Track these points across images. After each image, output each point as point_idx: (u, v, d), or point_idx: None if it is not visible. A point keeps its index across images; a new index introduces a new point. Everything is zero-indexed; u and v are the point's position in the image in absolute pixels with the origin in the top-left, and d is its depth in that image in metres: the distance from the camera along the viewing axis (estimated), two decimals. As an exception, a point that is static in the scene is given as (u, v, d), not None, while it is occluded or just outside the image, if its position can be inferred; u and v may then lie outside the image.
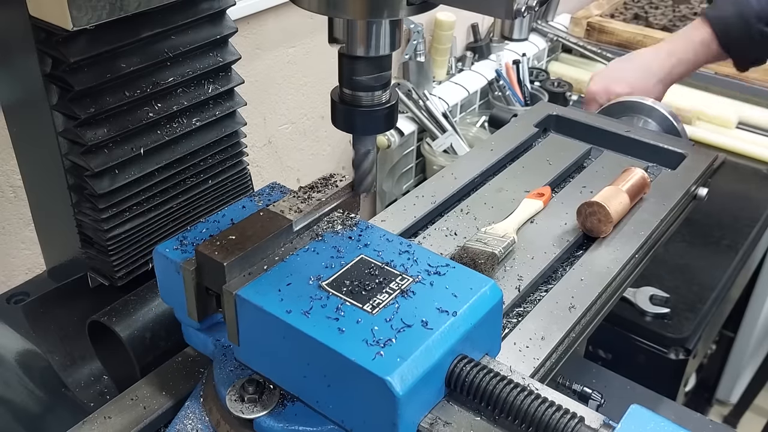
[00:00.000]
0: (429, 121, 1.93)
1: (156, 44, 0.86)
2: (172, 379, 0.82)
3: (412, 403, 0.63)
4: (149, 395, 0.80)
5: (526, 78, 2.21)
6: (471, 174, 1.19)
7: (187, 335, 0.82)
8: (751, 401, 2.33)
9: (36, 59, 0.80)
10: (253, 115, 1.69)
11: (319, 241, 0.75)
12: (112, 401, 0.80)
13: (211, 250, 0.70)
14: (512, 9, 0.56)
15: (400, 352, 0.62)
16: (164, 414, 0.79)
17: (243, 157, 1.02)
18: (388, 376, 0.60)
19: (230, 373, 0.74)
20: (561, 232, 1.07)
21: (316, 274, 0.71)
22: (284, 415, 0.70)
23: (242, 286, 0.69)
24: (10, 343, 0.97)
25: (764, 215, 1.82)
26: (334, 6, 0.64)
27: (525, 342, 0.87)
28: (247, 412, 0.70)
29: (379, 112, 0.71)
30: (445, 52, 2.16)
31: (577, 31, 2.51)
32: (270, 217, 0.75)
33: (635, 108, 1.46)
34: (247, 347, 0.71)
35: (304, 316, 0.66)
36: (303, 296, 0.68)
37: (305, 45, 1.78)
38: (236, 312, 0.69)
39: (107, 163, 0.84)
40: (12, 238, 1.33)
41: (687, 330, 1.48)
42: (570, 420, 0.62)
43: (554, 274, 1.02)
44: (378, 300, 0.68)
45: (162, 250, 0.75)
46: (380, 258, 0.73)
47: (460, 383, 0.66)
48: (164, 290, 0.78)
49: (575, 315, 0.91)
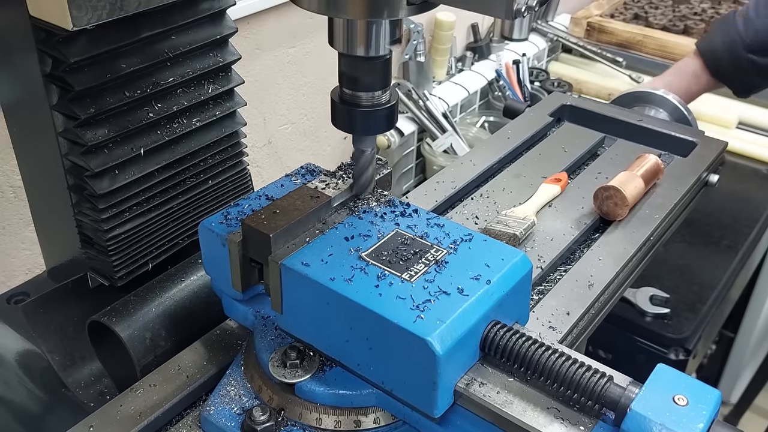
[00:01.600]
0: (429, 122, 1.93)
1: (156, 44, 0.86)
2: (212, 350, 0.86)
3: (451, 363, 0.66)
4: (191, 365, 0.83)
5: (526, 78, 2.21)
6: (489, 161, 1.23)
7: (227, 308, 0.85)
8: (752, 401, 2.33)
9: (36, 59, 0.80)
10: (253, 116, 1.69)
11: (356, 216, 0.79)
12: (155, 371, 0.83)
13: (257, 223, 0.74)
14: (512, 9, 0.56)
15: (439, 316, 0.66)
16: (206, 382, 0.82)
17: (243, 158, 1.02)
18: (429, 336, 0.63)
19: (271, 342, 0.78)
20: (578, 215, 1.10)
21: (355, 246, 0.74)
22: (325, 379, 0.74)
23: (287, 256, 0.72)
24: (10, 343, 0.97)
25: (764, 215, 1.82)
26: (334, 6, 0.64)
27: (548, 317, 0.90)
28: (289, 377, 0.73)
29: (379, 112, 0.72)
30: (445, 52, 2.16)
31: (577, 31, 2.51)
32: (310, 193, 0.79)
33: (646, 98, 1.48)
34: (290, 315, 0.75)
35: (346, 283, 0.69)
36: (344, 265, 0.71)
37: (305, 45, 1.78)
38: (281, 281, 0.73)
39: (107, 163, 0.84)
40: (12, 238, 1.33)
41: (687, 330, 1.48)
42: (600, 379, 0.64)
43: (572, 255, 1.06)
44: (415, 269, 0.71)
45: (208, 224, 0.79)
46: (414, 231, 0.77)
47: (494, 347, 0.69)
48: (208, 263, 0.82)
49: (594, 292, 0.95)
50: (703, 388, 0.63)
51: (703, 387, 0.63)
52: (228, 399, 0.77)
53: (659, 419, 0.60)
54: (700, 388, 0.63)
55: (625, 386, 0.64)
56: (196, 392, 0.82)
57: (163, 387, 0.80)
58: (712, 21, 2.45)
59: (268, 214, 0.75)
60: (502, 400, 0.67)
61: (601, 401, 0.64)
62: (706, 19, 2.51)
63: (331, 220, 0.78)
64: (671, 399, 0.61)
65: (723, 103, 2.19)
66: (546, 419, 0.65)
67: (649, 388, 0.63)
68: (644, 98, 1.49)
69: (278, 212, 0.75)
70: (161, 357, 0.86)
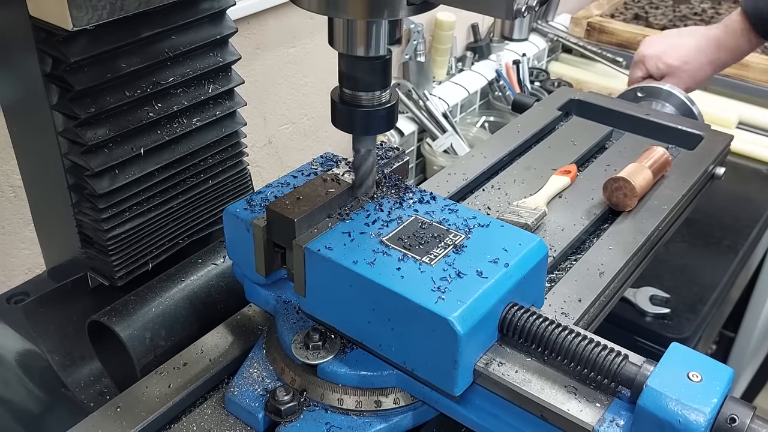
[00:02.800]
0: (429, 122, 1.93)
1: (156, 44, 0.86)
2: (234, 334, 0.87)
3: (471, 342, 0.68)
4: (214, 348, 0.85)
5: (526, 78, 2.21)
6: (500, 153, 1.24)
7: (249, 293, 0.87)
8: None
9: (36, 59, 0.80)
10: (254, 115, 1.69)
11: (375, 203, 0.81)
12: (178, 355, 0.85)
13: (282, 208, 0.76)
14: (512, 9, 0.56)
15: (459, 297, 0.68)
16: (229, 365, 0.84)
17: (243, 157, 1.02)
18: (451, 316, 0.65)
19: (293, 325, 0.80)
20: (588, 206, 1.12)
21: (375, 231, 0.76)
22: (346, 360, 0.76)
23: (310, 240, 0.74)
24: (9, 343, 0.97)
25: (764, 216, 1.82)
26: (334, 6, 0.64)
27: (560, 303, 0.91)
28: (312, 358, 0.76)
29: (379, 112, 0.72)
30: (445, 52, 2.16)
31: (577, 31, 2.51)
32: (331, 180, 0.81)
33: (653, 93, 1.49)
34: (313, 298, 0.77)
35: (369, 266, 0.71)
36: (366, 249, 0.74)
37: (305, 45, 1.78)
38: (305, 264, 0.75)
39: (107, 162, 0.84)
40: (12, 238, 1.33)
41: (687, 330, 1.47)
42: (615, 357, 0.66)
43: (582, 245, 1.07)
44: (435, 253, 0.73)
45: (232, 210, 0.81)
46: (433, 217, 0.79)
47: (512, 328, 0.71)
48: (231, 248, 0.84)
49: (605, 279, 0.96)
50: (716, 366, 0.64)
51: (716, 364, 0.64)
52: (251, 381, 0.79)
53: (674, 395, 0.61)
54: (713, 365, 0.64)
55: (640, 365, 0.65)
56: (219, 375, 0.83)
57: (187, 369, 0.82)
58: (712, 21, 2.45)
59: (291, 200, 0.77)
60: (520, 379, 0.69)
61: (617, 379, 0.65)
62: (706, 20, 2.51)
63: (351, 206, 0.80)
64: (686, 375, 0.63)
65: (723, 102, 2.19)
66: (564, 397, 0.67)
67: (664, 366, 0.64)
68: (651, 92, 1.51)
69: (301, 198, 0.78)
70: (161, 357, 0.86)
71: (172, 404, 0.78)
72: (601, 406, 0.66)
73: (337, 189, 0.80)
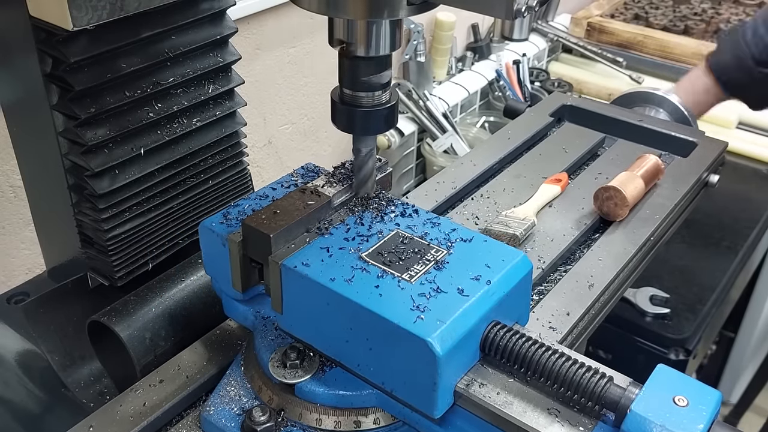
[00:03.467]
0: (429, 122, 1.93)
1: (156, 44, 0.86)
2: (212, 350, 0.86)
3: (451, 364, 0.66)
4: (192, 365, 0.83)
5: (526, 78, 2.21)
6: (490, 161, 1.23)
7: (227, 308, 0.85)
8: (752, 401, 2.33)
9: (36, 59, 0.80)
10: (254, 116, 1.69)
11: (356, 216, 0.79)
12: (155, 371, 0.83)
13: (258, 223, 0.74)
14: (512, 9, 0.56)
15: (439, 316, 0.66)
16: (206, 382, 0.82)
17: (243, 158, 1.02)
18: (429, 337, 0.63)
19: (271, 342, 0.78)
20: (579, 216, 1.10)
21: (355, 247, 0.74)
22: (325, 379, 0.74)
23: (287, 256, 0.72)
24: (10, 343, 0.97)
25: (764, 216, 1.82)
26: (334, 6, 0.64)
27: (548, 318, 0.90)
28: (289, 377, 0.74)
29: (379, 112, 0.72)
30: (446, 52, 2.16)
31: (577, 31, 2.51)
32: (310, 193, 0.79)
33: (647, 98, 1.48)
34: (291, 315, 0.75)
35: (347, 284, 0.69)
36: (345, 266, 0.71)
37: (305, 45, 1.78)
38: (281, 281, 0.73)
39: (107, 163, 0.84)
40: (12, 238, 1.33)
41: (687, 330, 1.48)
42: (600, 379, 0.65)
43: (572, 255, 1.06)
44: (415, 270, 0.71)
45: (208, 224, 0.79)
46: (414, 231, 0.77)
47: (494, 347, 0.69)
48: (208, 263, 0.82)
49: (595, 292, 0.95)
50: (703, 389, 0.62)
51: (703, 388, 0.63)
52: (228, 399, 0.77)
53: (659, 420, 0.59)
54: (700, 388, 0.63)
55: (625, 387, 0.64)
56: (196, 392, 0.82)
57: (163, 387, 0.80)
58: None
59: (268, 214, 0.75)
60: (502, 401, 0.67)
61: (601, 402, 0.64)
62: (706, 20, 2.51)
63: (331, 220, 0.78)
64: (671, 400, 0.61)
65: (723, 103, 2.19)
66: (546, 420, 0.65)
67: (650, 389, 0.63)
68: (645, 98, 1.49)
69: (278, 212, 0.75)
70: (161, 357, 0.86)
71: (147, 423, 0.76)
72: (584, 430, 0.64)
73: (317, 202, 0.77)
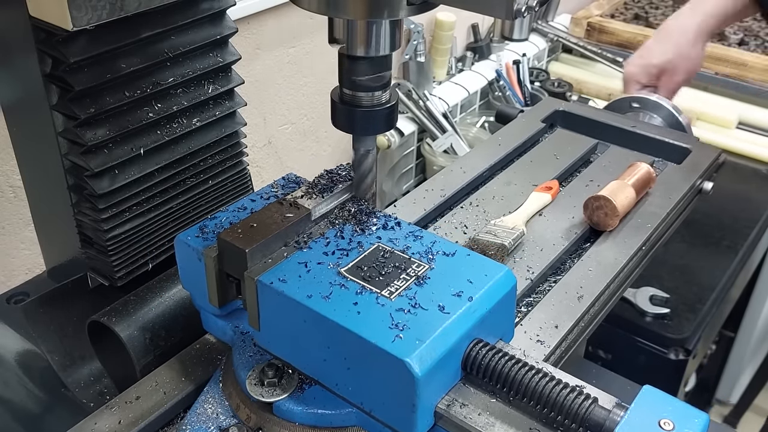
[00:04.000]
0: (429, 122, 1.93)
1: (156, 44, 0.86)
2: (191, 365, 0.84)
3: (431, 384, 0.64)
4: (169, 381, 0.82)
5: (526, 78, 2.21)
6: (479, 168, 1.21)
7: (206, 322, 0.83)
8: (751, 401, 2.33)
9: (36, 59, 0.80)
10: (253, 116, 1.69)
11: (336, 229, 0.77)
12: (133, 387, 0.81)
13: (233, 237, 0.72)
14: (512, 9, 0.56)
15: (418, 335, 0.64)
16: (184, 399, 0.80)
17: (243, 158, 1.02)
18: (408, 357, 0.62)
19: (249, 359, 0.76)
20: (569, 225, 1.08)
21: (334, 261, 0.72)
22: (303, 398, 0.72)
23: (263, 272, 0.71)
24: (9, 343, 0.97)
25: (764, 216, 1.82)
26: (334, 6, 0.64)
27: (536, 330, 0.89)
28: (267, 395, 0.72)
29: (379, 112, 0.71)
30: (446, 52, 2.16)
31: (577, 31, 2.51)
32: (289, 206, 0.77)
33: (640, 103, 1.47)
34: (268, 332, 0.73)
35: (324, 301, 0.67)
36: (323, 282, 0.70)
37: (305, 45, 1.78)
38: (257, 297, 0.71)
39: (107, 163, 0.84)
40: (12, 238, 1.33)
41: (687, 330, 1.47)
42: (584, 401, 0.63)
43: (563, 265, 1.04)
44: (395, 286, 0.70)
45: (184, 238, 0.77)
46: (395, 245, 0.75)
47: (476, 366, 0.67)
48: (185, 277, 0.80)
49: (584, 304, 0.93)
50: (690, 412, 0.61)
51: (690, 410, 0.61)
52: (205, 417, 0.75)
53: None
54: (687, 411, 0.61)
55: (610, 409, 0.62)
56: (173, 409, 0.80)
57: (140, 404, 0.79)
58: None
59: (244, 227, 0.73)
60: (483, 423, 0.65)
61: (585, 424, 0.62)
62: (706, 20, 2.51)
63: (310, 233, 0.76)
64: (657, 423, 0.60)
65: (723, 102, 2.19)
66: None
67: (635, 412, 0.61)
68: (638, 103, 1.47)
69: (255, 226, 0.73)
70: (161, 357, 0.86)
71: (122, 442, 0.74)
72: None
73: (296, 215, 0.75)
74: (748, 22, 2.48)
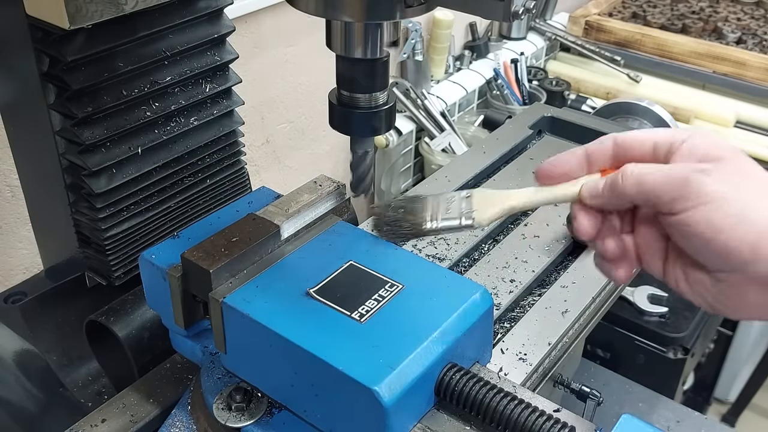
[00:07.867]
0: (427, 121, 1.93)
1: (153, 43, 0.86)
2: (160, 386, 0.82)
3: (401, 412, 0.62)
4: (137, 403, 0.80)
5: (524, 77, 2.21)
6: (465, 176, 1.18)
7: (174, 342, 0.81)
8: (749, 400, 2.33)
9: (33, 58, 0.80)
10: (251, 115, 1.69)
11: (308, 246, 0.74)
12: (98, 409, 0.79)
13: (198, 257, 0.69)
14: (510, 11, 0.56)
15: (388, 361, 0.61)
16: (151, 422, 0.78)
17: (241, 157, 1.02)
18: (376, 386, 0.59)
19: (218, 381, 0.73)
20: (553, 237, 1.06)
21: (304, 281, 0.69)
22: (272, 424, 0.69)
23: (229, 293, 0.68)
24: (7, 343, 0.97)
25: (762, 214, 1.81)
26: (330, 8, 0.64)
27: (518, 348, 0.86)
28: (233, 420, 0.69)
29: (376, 114, 0.71)
30: (444, 51, 2.16)
31: (575, 29, 2.51)
32: (258, 222, 0.74)
33: (630, 109, 1.45)
34: (235, 355, 0.70)
35: (290, 324, 0.65)
36: (290, 304, 0.67)
37: (303, 44, 1.78)
38: (223, 319, 0.68)
39: (104, 162, 0.84)
40: (9, 237, 1.33)
41: (685, 329, 1.48)
42: (561, 429, 0.61)
43: (547, 278, 1.01)
44: (366, 307, 0.67)
45: (148, 256, 0.74)
46: (369, 264, 0.72)
47: (449, 392, 0.65)
48: (150, 297, 0.77)
49: (568, 320, 0.91)
50: None
51: None
52: None
53: None
54: None
55: None
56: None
57: (106, 427, 0.77)
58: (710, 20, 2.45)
59: (210, 246, 0.70)
60: None
61: None
62: (704, 18, 2.51)
63: (280, 251, 0.73)
64: None
65: (721, 101, 2.19)
66: None
67: None
68: (628, 109, 1.46)
69: (222, 243, 0.70)
70: (159, 356, 0.86)
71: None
72: None
73: (264, 232, 0.72)
74: (747, 21, 2.49)
